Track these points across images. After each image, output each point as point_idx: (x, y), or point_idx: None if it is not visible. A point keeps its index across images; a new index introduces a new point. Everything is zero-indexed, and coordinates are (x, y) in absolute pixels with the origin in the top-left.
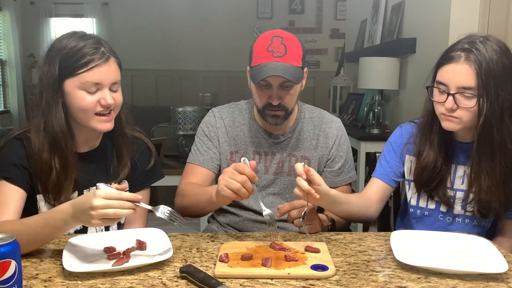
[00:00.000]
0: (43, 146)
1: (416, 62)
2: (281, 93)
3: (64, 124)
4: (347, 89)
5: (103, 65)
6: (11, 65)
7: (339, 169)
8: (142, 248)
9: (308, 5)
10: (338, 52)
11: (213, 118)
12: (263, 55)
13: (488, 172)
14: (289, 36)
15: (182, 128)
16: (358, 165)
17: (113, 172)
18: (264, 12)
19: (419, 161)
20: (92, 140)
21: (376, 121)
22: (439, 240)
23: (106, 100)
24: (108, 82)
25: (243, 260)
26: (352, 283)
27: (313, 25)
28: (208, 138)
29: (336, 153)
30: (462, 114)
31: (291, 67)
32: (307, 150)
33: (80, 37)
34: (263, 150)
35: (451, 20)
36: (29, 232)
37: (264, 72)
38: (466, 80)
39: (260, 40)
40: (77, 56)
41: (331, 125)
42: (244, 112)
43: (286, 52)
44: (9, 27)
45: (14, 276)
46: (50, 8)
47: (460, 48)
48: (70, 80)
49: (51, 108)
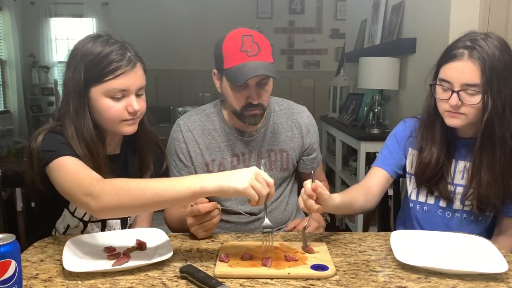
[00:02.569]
0: (83, 152)
1: (416, 62)
2: (258, 92)
3: (93, 131)
4: (347, 89)
5: (130, 72)
6: (11, 65)
7: (316, 155)
8: (142, 248)
9: (308, 5)
10: (338, 52)
11: (179, 133)
12: (237, 56)
13: (488, 167)
14: (256, 33)
15: None
16: (358, 165)
17: (133, 175)
18: (264, 12)
19: (421, 158)
20: (115, 143)
21: (376, 121)
22: (439, 240)
23: (133, 106)
24: (134, 89)
25: (243, 260)
26: (352, 283)
27: (313, 25)
28: (179, 158)
29: (311, 140)
30: (467, 111)
31: (268, 64)
32: (283, 142)
33: (105, 41)
34: (240, 151)
35: (451, 20)
36: (157, 188)
37: (245, 73)
38: (470, 77)
39: (230, 40)
40: (103, 63)
41: (302, 115)
42: (213, 117)
43: (259, 50)
44: (9, 27)
45: (14, 276)
46: (50, 8)
47: (462, 46)
48: (97, 87)
49: (79, 116)
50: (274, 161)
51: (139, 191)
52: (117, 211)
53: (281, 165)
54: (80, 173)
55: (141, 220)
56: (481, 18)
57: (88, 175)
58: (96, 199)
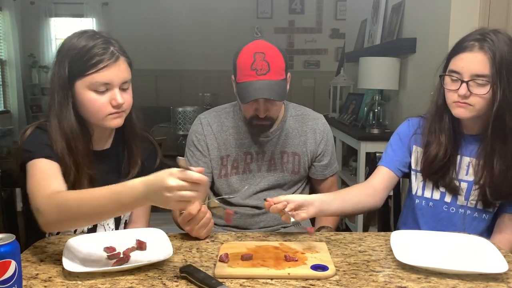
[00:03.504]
0: (62, 145)
1: (416, 62)
2: (267, 106)
3: (74, 125)
4: (347, 89)
5: (112, 65)
6: (11, 65)
7: (328, 162)
8: (142, 248)
9: (308, 5)
10: (338, 52)
11: (200, 126)
12: (247, 73)
13: (501, 155)
14: (270, 49)
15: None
16: (358, 165)
17: (124, 172)
18: (264, 12)
19: (428, 151)
20: (105, 139)
21: (376, 121)
22: (439, 240)
23: (116, 100)
24: (118, 82)
25: (243, 260)
26: (352, 283)
27: (313, 25)
28: (197, 148)
29: (325, 148)
30: (475, 101)
31: (275, 84)
32: (296, 146)
33: (90, 36)
34: (254, 150)
35: (451, 20)
36: (93, 204)
37: (250, 94)
38: (480, 67)
39: (243, 56)
40: (86, 56)
41: (317, 122)
42: (231, 115)
43: (269, 69)
44: (9, 27)
45: (14, 276)
46: (50, 8)
47: (473, 39)
48: (80, 81)
49: (62, 109)
50: (286, 163)
51: (76, 207)
52: (63, 226)
53: (292, 167)
54: (42, 182)
55: (136, 216)
56: (481, 18)
57: (46, 186)
58: (42, 215)
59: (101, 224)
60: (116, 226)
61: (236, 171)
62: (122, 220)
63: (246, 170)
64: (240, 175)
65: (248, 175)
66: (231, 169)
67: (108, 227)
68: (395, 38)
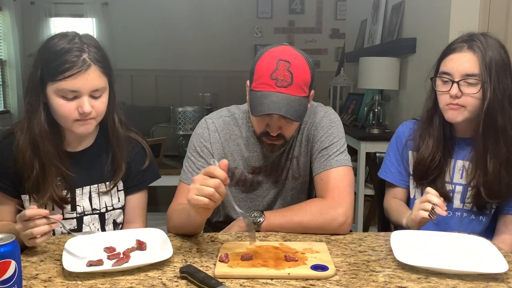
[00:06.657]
0: (26, 145)
1: (416, 62)
2: (281, 123)
3: (44, 125)
4: (347, 89)
5: (81, 75)
6: (11, 65)
7: (334, 153)
8: (142, 248)
9: (308, 5)
10: (338, 52)
11: (206, 131)
12: (265, 81)
13: (494, 154)
14: (297, 59)
15: (182, 128)
16: (358, 165)
17: (107, 172)
18: (264, 12)
19: (418, 154)
20: (82, 140)
21: (376, 121)
22: (439, 240)
23: (83, 108)
24: (87, 90)
25: (243, 260)
26: (352, 283)
27: (313, 25)
28: (200, 155)
29: (321, 134)
30: (466, 102)
31: (294, 100)
32: (296, 148)
33: (68, 40)
34: (264, 164)
35: (451, 20)
36: None
37: (264, 106)
38: (470, 67)
39: (264, 61)
40: (57, 62)
41: (315, 116)
42: (241, 123)
43: (292, 81)
44: (9, 27)
45: (14, 276)
46: (50, 8)
47: (462, 40)
48: (50, 85)
49: (33, 109)
50: (288, 169)
51: None
52: None
53: (292, 173)
54: None
55: (133, 217)
56: (481, 18)
57: None
58: None
59: (86, 224)
60: (102, 227)
61: (243, 189)
62: (108, 219)
63: (251, 189)
64: (246, 194)
65: (252, 194)
66: (236, 185)
67: (94, 227)
68: (395, 38)
